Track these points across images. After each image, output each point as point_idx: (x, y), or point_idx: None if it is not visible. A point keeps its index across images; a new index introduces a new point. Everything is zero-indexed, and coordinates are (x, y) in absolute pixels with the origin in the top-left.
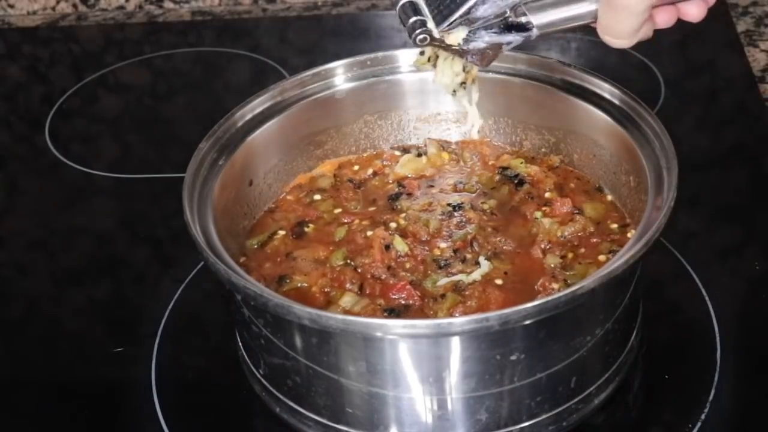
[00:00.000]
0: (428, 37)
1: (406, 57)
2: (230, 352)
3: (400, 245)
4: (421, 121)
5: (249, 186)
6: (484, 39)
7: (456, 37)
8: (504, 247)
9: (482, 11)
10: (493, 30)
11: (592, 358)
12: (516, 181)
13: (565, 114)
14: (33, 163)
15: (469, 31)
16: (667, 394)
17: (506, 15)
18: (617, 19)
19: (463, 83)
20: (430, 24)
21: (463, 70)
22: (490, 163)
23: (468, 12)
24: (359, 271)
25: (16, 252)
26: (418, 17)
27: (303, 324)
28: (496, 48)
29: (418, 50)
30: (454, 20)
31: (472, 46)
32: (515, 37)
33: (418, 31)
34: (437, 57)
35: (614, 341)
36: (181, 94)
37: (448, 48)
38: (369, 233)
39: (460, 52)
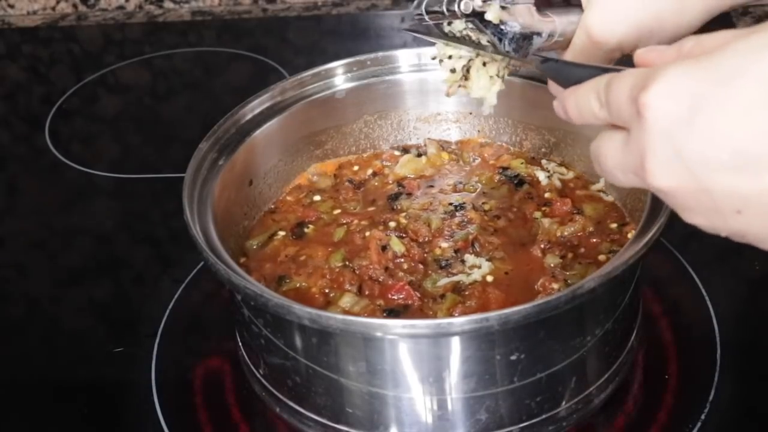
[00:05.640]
0: (472, 6)
1: (406, 57)
2: (230, 352)
3: (396, 246)
4: (421, 121)
5: (249, 186)
6: (518, 21)
7: (493, 12)
8: (504, 247)
9: None
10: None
11: (592, 358)
12: (516, 182)
13: None
14: (33, 163)
15: (502, 6)
16: (667, 394)
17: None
18: None
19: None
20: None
21: (498, 74)
22: (490, 163)
23: None
24: (357, 272)
25: (16, 252)
26: None
27: (303, 324)
28: (528, 39)
29: (448, 70)
30: None
31: (509, 28)
32: (549, 25)
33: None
34: (467, 71)
35: (614, 341)
36: (181, 94)
37: (485, 28)
38: (368, 234)
39: (499, 34)
